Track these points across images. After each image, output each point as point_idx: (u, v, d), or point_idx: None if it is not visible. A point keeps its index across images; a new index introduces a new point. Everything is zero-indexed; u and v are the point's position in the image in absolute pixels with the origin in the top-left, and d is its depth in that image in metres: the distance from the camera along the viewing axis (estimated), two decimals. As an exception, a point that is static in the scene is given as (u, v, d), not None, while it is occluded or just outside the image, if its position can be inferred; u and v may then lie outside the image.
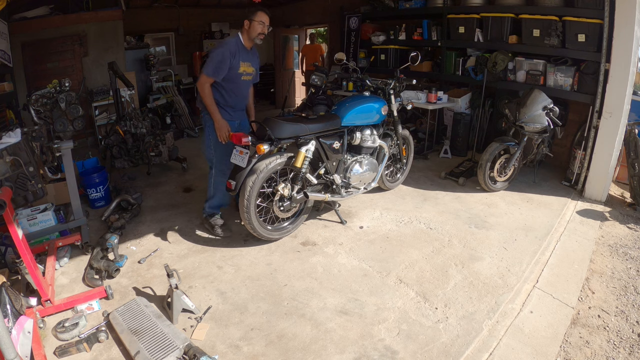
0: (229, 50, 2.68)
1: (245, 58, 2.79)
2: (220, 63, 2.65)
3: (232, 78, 2.75)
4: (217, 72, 2.67)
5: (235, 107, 2.90)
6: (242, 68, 2.77)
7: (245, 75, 2.82)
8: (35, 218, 2.73)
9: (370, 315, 2.13)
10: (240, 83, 2.82)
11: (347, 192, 3.12)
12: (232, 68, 2.71)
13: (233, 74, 2.73)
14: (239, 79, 2.79)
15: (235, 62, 2.71)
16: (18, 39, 4.71)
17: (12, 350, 1.34)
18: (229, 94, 2.81)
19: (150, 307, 2.07)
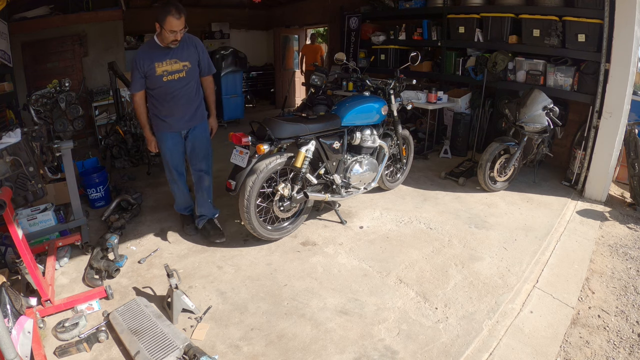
0: (139, 57, 2.51)
1: (161, 57, 2.52)
2: (133, 73, 2.54)
3: (153, 84, 2.56)
4: (134, 84, 2.56)
5: (173, 114, 2.64)
6: (161, 69, 2.52)
7: (168, 75, 2.54)
8: (35, 218, 2.73)
9: (370, 315, 2.13)
10: (165, 86, 2.56)
11: (347, 192, 3.12)
12: (149, 74, 2.51)
13: (152, 79, 2.53)
14: (160, 82, 2.54)
15: (149, 67, 2.49)
16: (18, 39, 4.71)
17: (12, 350, 1.34)
18: (159, 103, 2.62)
19: (150, 307, 2.07)
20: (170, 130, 2.68)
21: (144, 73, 2.51)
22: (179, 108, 2.65)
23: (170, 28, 2.38)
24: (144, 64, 2.49)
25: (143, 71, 2.51)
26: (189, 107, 2.69)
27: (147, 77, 2.52)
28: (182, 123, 2.69)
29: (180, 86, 2.60)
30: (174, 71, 2.55)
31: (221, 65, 6.35)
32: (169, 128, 2.68)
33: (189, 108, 2.69)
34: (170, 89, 2.58)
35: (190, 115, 2.71)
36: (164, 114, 2.64)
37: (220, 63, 6.36)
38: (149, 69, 2.50)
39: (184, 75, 2.58)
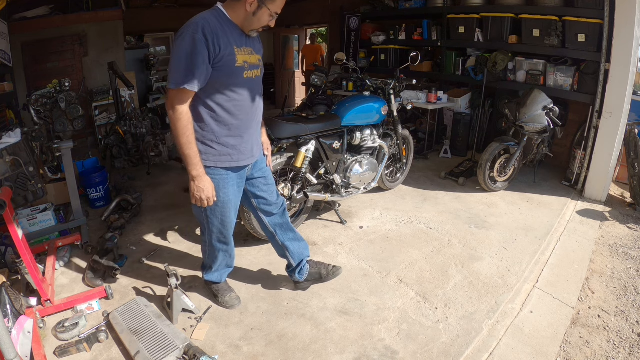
0: (207, 28, 1.55)
1: (240, 40, 1.68)
2: (193, 58, 1.53)
3: (227, 80, 1.65)
4: (194, 77, 1.55)
5: (245, 135, 1.78)
6: (241, 57, 1.66)
7: (250, 70, 1.71)
8: (35, 218, 2.73)
9: (370, 315, 2.13)
10: (244, 87, 1.71)
11: (347, 192, 3.12)
12: (223, 63, 1.60)
13: (226, 72, 1.63)
14: (239, 79, 1.67)
15: (226, 49, 1.60)
16: (18, 39, 4.71)
17: (12, 350, 1.34)
18: (229, 115, 1.70)
19: (150, 307, 2.07)
20: (238, 164, 1.79)
21: (214, 57, 1.57)
22: (254, 125, 1.84)
23: (275, 9, 1.65)
24: (219, 41, 1.57)
25: (215, 54, 1.57)
26: (259, 123, 1.90)
27: (216, 66, 1.60)
28: (256, 149, 1.88)
29: (258, 90, 1.82)
30: (253, 66, 1.73)
31: (221, 65, 6.33)
32: (237, 159, 1.79)
33: (259, 125, 1.91)
34: (249, 93, 1.74)
35: (259, 136, 1.94)
36: (234, 134, 1.74)
37: (220, 63, 6.35)
38: (227, 52, 1.60)
39: (259, 74, 1.80)
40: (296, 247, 2.19)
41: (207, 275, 2.19)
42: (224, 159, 1.76)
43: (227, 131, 1.73)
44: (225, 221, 1.93)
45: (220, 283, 2.22)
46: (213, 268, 2.15)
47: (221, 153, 1.75)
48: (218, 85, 1.64)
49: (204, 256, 2.16)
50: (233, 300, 2.18)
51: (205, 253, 2.12)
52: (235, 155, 1.78)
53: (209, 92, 1.65)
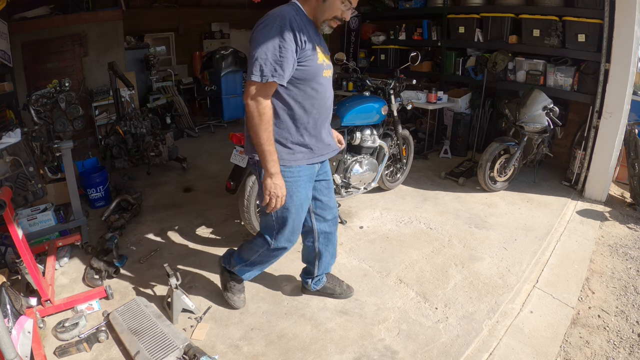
0: (293, 24, 1.50)
1: (317, 39, 1.65)
2: (282, 51, 1.48)
3: (310, 77, 1.61)
4: (283, 70, 1.50)
5: (320, 135, 1.76)
6: (320, 55, 1.63)
7: (327, 69, 1.70)
8: (35, 218, 2.73)
9: (370, 315, 2.13)
10: (323, 86, 1.69)
11: (347, 192, 3.12)
12: (305, 60, 1.56)
13: (308, 70, 1.58)
14: (320, 78, 1.65)
15: (309, 46, 1.56)
16: (18, 39, 4.71)
17: (12, 350, 1.34)
18: (306, 114, 1.67)
19: (150, 307, 2.07)
20: (312, 161, 1.76)
21: (300, 53, 1.54)
22: (327, 124, 1.82)
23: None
24: (303, 37, 1.53)
25: (301, 49, 1.53)
26: (330, 122, 1.86)
27: (300, 62, 1.56)
28: (329, 148, 1.84)
29: (330, 90, 1.77)
30: (328, 65, 1.72)
31: (221, 65, 6.34)
32: (312, 157, 1.75)
33: (329, 124, 1.86)
34: (326, 92, 1.72)
35: (331, 134, 1.89)
36: (310, 133, 1.71)
37: (220, 63, 6.36)
38: (310, 48, 1.56)
39: (330, 74, 1.77)
40: (328, 260, 2.14)
41: (236, 267, 2.05)
42: (299, 156, 1.71)
43: (303, 129, 1.68)
44: (298, 223, 1.84)
45: (239, 277, 2.11)
46: (253, 268, 2.03)
47: (296, 151, 1.70)
48: (299, 82, 1.59)
49: (247, 252, 1.99)
50: (241, 301, 2.14)
51: (255, 252, 1.96)
52: (310, 153, 1.74)
53: (289, 89, 1.59)
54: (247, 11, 8.14)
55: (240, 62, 6.58)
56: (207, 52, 7.22)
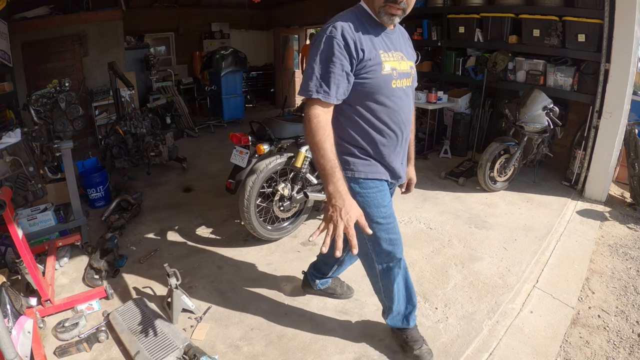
0: (346, 32, 1.34)
1: (387, 44, 1.47)
2: (330, 65, 1.33)
3: (374, 90, 1.42)
4: (329, 87, 1.34)
5: (393, 149, 1.55)
6: (388, 63, 1.42)
7: (399, 79, 1.47)
8: (35, 218, 2.73)
9: (370, 315, 2.13)
10: (393, 99, 1.46)
11: (347, 192, 3.11)
12: (368, 68, 1.38)
13: (373, 79, 1.40)
14: (387, 89, 1.44)
15: (370, 54, 1.38)
16: (18, 39, 4.71)
17: (12, 350, 1.34)
18: (374, 127, 1.48)
19: (150, 307, 2.07)
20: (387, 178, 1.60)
21: (357, 64, 1.37)
22: (400, 146, 1.58)
23: None
24: (362, 45, 1.36)
25: (358, 59, 1.36)
26: (406, 144, 1.64)
27: (360, 74, 1.39)
28: (402, 169, 1.65)
29: (408, 104, 1.55)
30: (403, 73, 1.49)
31: (221, 65, 6.35)
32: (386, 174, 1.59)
33: (405, 147, 1.65)
34: (398, 106, 1.48)
35: (406, 156, 1.71)
36: (377, 152, 1.53)
37: (220, 63, 6.36)
38: (371, 57, 1.38)
39: (410, 83, 1.55)
40: (346, 267, 2.11)
41: (390, 320, 1.84)
42: (375, 169, 1.54)
43: (372, 146, 1.51)
44: (395, 238, 1.62)
45: (409, 329, 1.84)
46: (393, 308, 1.78)
47: (371, 164, 1.54)
48: (362, 96, 1.43)
49: (379, 296, 1.81)
50: (425, 355, 1.78)
51: (379, 291, 1.77)
52: (386, 170, 1.58)
53: (353, 103, 1.45)
54: (247, 11, 8.15)
55: (240, 62, 6.58)
56: (207, 52, 7.23)
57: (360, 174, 1.52)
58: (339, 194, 1.29)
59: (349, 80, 1.37)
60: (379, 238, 1.58)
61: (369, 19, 1.43)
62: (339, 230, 1.27)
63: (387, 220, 1.59)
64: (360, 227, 1.29)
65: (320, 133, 1.32)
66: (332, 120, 1.40)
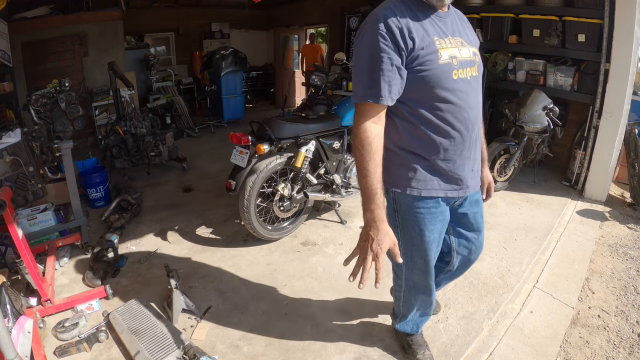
0: (390, 21, 1.17)
1: (443, 28, 1.27)
2: (376, 62, 1.17)
3: (431, 83, 1.22)
4: (380, 86, 1.18)
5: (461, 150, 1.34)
6: (447, 50, 1.23)
7: (461, 68, 1.26)
8: (35, 218, 2.73)
9: (370, 315, 2.12)
10: (456, 89, 1.25)
11: (347, 192, 3.12)
12: (421, 59, 1.19)
13: (429, 70, 1.20)
14: (447, 80, 1.23)
15: (423, 42, 1.19)
16: (18, 39, 4.72)
17: (12, 350, 1.34)
18: (435, 126, 1.28)
19: (150, 307, 2.07)
20: (445, 194, 1.38)
21: (407, 56, 1.19)
22: (470, 144, 1.36)
23: None
24: (411, 33, 1.18)
25: (408, 50, 1.18)
26: (477, 143, 1.41)
27: (412, 67, 1.20)
28: (470, 179, 1.42)
29: (475, 96, 1.32)
30: (465, 62, 1.28)
31: (221, 65, 6.35)
32: (445, 188, 1.37)
33: (476, 146, 1.41)
34: (462, 100, 1.27)
35: (478, 160, 1.45)
36: (441, 156, 1.32)
37: (220, 63, 6.37)
38: (424, 46, 1.19)
39: (476, 72, 1.33)
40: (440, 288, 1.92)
41: (400, 325, 1.81)
42: (430, 185, 1.35)
43: (433, 152, 1.30)
44: (429, 264, 1.52)
45: (415, 335, 1.82)
46: (408, 317, 1.75)
47: (427, 178, 1.34)
48: (417, 91, 1.23)
49: (396, 303, 1.78)
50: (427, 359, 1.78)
51: (399, 299, 1.72)
52: (443, 183, 1.36)
53: (407, 100, 1.26)
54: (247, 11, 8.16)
55: (240, 62, 6.58)
56: (207, 52, 7.23)
57: (412, 191, 1.35)
58: (375, 224, 1.19)
59: (401, 76, 1.19)
60: (414, 262, 1.50)
61: (417, 3, 1.24)
62: (366, 263, 1.20)
63: (427, 245, 1.44)
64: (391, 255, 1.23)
65: (365, 151, 1.18)
66: (387, 125, 1.28)
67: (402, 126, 1.31)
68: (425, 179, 1.35)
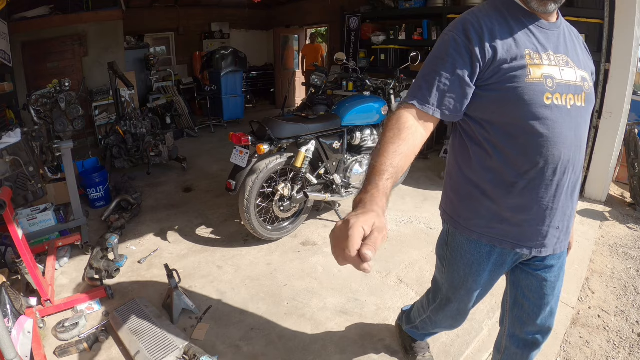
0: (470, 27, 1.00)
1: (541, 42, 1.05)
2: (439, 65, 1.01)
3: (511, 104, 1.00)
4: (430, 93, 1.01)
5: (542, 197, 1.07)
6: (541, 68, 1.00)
7: (559, 92, 1.01)
8: (35, 218, 2.73)
9: (370, 315, 2.13)
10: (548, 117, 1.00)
11: (347, 192, 3.12)
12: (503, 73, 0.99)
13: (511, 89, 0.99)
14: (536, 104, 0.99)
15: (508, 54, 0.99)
16: (18, 39, 4.72)
17: (12, 350, 1.34)
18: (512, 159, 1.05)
19: (150, 307, 2.07)
20: (511, 245, 1.14)
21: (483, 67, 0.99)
22: (559, 194, 1.08)
23: None
24: (493, 41, 0.99)
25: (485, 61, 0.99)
26: (572, 193, 1.12)
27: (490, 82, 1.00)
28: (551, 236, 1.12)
29: (574, 131, 1.05)
30: (567, 86, 1.03)
31: (221, 65, 6.35)
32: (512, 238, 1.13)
33: (569, 198, 1.12)
34: (556, 133, 1.01)
35: (568, 216, 1.14)
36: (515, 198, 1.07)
37: (220, 63, 6.37)
38: (510, 58, 0.99)
39: (583, 103, 1.07)
40: None
41: (408, 329, 1.75)
42: (493, 231, 1.12)
43: (504, 191, 1.07)
44: (463, 312, 1.40)
45: (419, 341, 1.79)
46: (420, 329, 1.67)
47: (490, 221, 1.11)
48: (496, 111, 1.02)
49: (416, 311, 1.66)
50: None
51: (422, 312, 1.59)
52: (509, 232, 1.10)
53: (483, 122, 1.05)
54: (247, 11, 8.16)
55: (240, 62, 6.59)
56: (207, 52, 7.23)
57: (471, 234, 1.15)
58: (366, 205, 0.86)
59: (463, 90, 0.99)
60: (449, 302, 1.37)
61: (515, 9, 1.04)
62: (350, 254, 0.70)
63: (466, 292, 1.28)
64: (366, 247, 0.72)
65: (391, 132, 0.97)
66: (457, 144, 1.13)
67: (475, 153, 1.09)
68: (487, 222, 1.12)
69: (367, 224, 0.73)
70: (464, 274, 1.24)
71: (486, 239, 1.15)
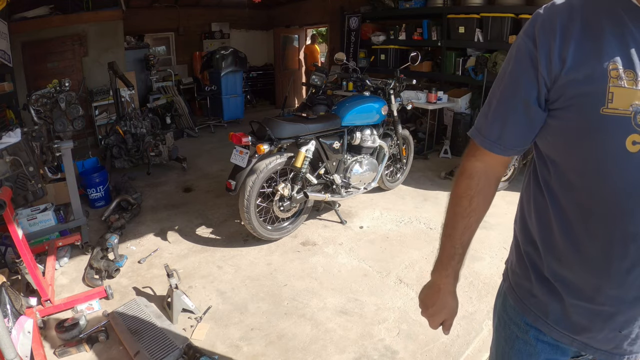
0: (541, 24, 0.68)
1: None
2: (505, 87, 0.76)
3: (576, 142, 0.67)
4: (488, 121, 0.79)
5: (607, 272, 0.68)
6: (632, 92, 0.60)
7: None
8: (35, 218, 2.73)
9: (370, 315, 2.13)
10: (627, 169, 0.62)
11: (347, 192, 3.12)
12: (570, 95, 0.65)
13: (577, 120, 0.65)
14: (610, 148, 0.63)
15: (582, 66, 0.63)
16: (18, 39, 4.72)
17: (12, 350, 1.34)
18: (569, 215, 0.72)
19: (150, 307, 2.07)
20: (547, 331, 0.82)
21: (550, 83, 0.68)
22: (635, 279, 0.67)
23: None
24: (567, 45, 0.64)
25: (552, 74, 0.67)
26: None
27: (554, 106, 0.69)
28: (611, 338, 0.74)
29: None
30: None
31: (221, 65, 6.35)
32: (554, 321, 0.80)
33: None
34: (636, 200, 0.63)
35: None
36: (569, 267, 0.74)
37: (220, 63, 6.37)
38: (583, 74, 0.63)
39: None
40: None
41: None
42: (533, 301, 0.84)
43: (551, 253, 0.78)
44: None
45: None
46: None
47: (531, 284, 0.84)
48: (558, 147, 0.74)
49: None
50: None
51: None
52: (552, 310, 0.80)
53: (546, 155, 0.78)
54: (247, 11, 8.16)
55: (240, 62, 6.59)
56: (207, 52, 7.23)
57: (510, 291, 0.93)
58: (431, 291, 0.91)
59: (528, 115, 0.73)
60: None
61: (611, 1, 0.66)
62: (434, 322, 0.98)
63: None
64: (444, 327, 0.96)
65: (456, 204, 0.87)
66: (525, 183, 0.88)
67: (534, 194, 0.82)
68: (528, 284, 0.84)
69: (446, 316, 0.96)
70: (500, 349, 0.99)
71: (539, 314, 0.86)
